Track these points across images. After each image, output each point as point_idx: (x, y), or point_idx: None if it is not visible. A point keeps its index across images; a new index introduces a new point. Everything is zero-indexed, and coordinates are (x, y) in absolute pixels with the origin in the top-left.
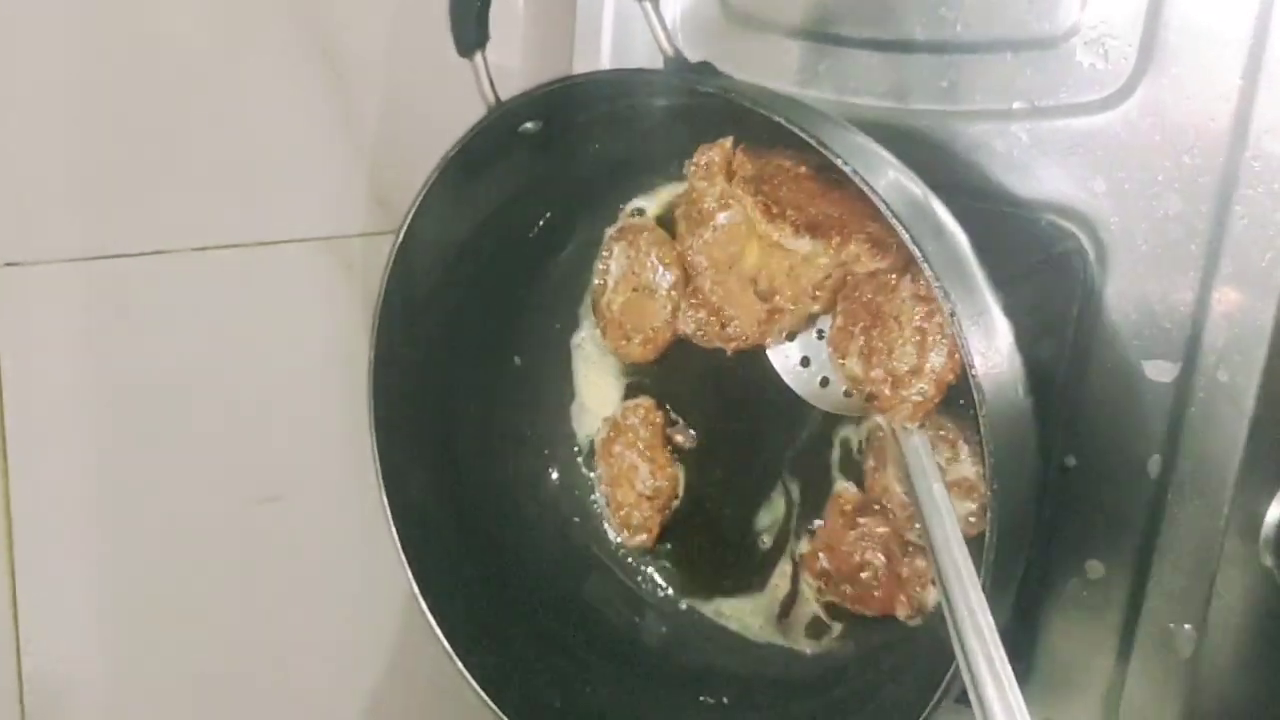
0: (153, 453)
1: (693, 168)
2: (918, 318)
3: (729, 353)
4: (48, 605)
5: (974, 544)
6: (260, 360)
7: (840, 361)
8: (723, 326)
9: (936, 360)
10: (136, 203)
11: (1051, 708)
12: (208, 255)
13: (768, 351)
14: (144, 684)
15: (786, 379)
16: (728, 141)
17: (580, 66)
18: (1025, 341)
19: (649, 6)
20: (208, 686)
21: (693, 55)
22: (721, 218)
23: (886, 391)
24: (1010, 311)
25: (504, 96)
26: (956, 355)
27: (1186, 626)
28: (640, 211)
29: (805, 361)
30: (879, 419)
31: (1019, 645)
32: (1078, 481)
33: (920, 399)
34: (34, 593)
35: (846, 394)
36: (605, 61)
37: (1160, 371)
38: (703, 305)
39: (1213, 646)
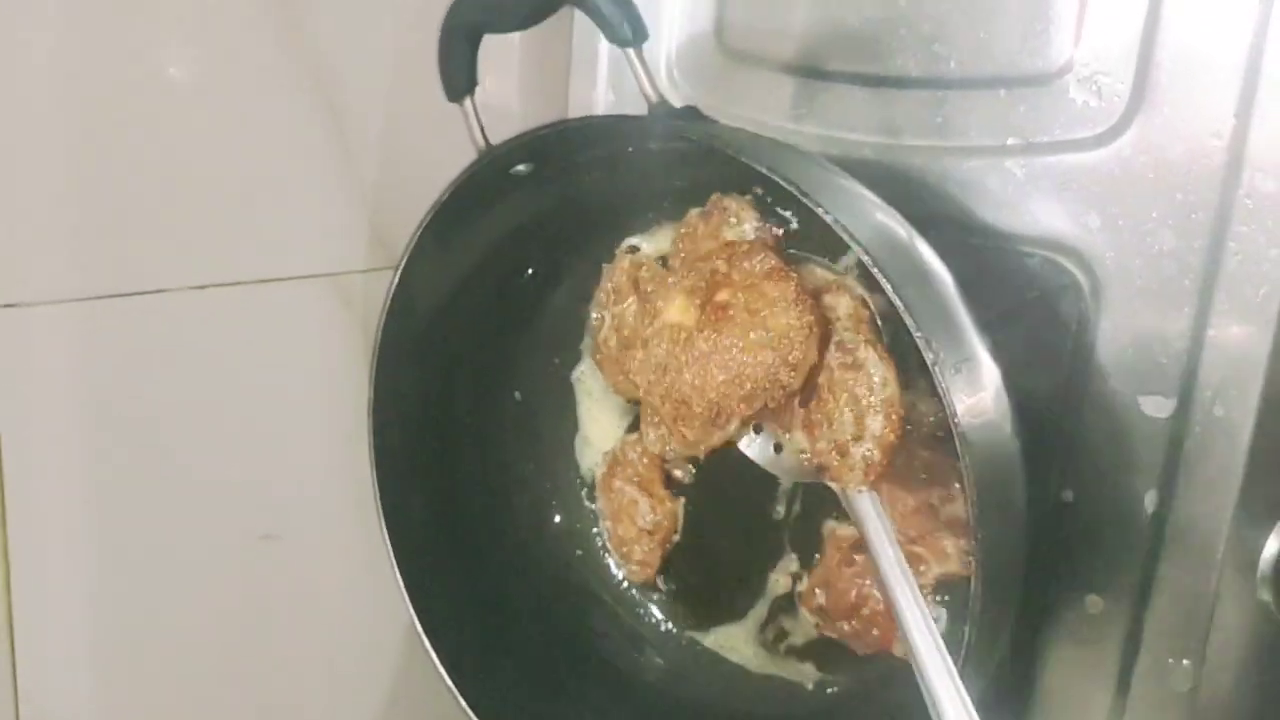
0: (153, 492)
1: (602, 295)
2: (849, 385)
3: (701, 459)
4: (46, 647)
5: (966, 585)
6: (262, 397)
7: (785, 436)
8: (684, 438)
9: (875, 425)
10: (136, 242)
11: None
12: (207, 293)
13: None
14: None
15: (744, 449)
16: (625, 261)
17: (576, 108)
18: (1019, 378)
19: (633, 54)
20: None
21: (689, 91)
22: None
23: (835, 462)
24: (1003, 349)
25: (503, 137)
26: (895, 416)
27: (1185, 661)
28: (635, 249)
29: (757, 429)
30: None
31: (1019, 680)
32: (1076, 516)
33: (865, 465)
34: (32, 636)
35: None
36: (600, 102)
37: (1156, 407)
38: (660, 422)
39: (1210, 681)
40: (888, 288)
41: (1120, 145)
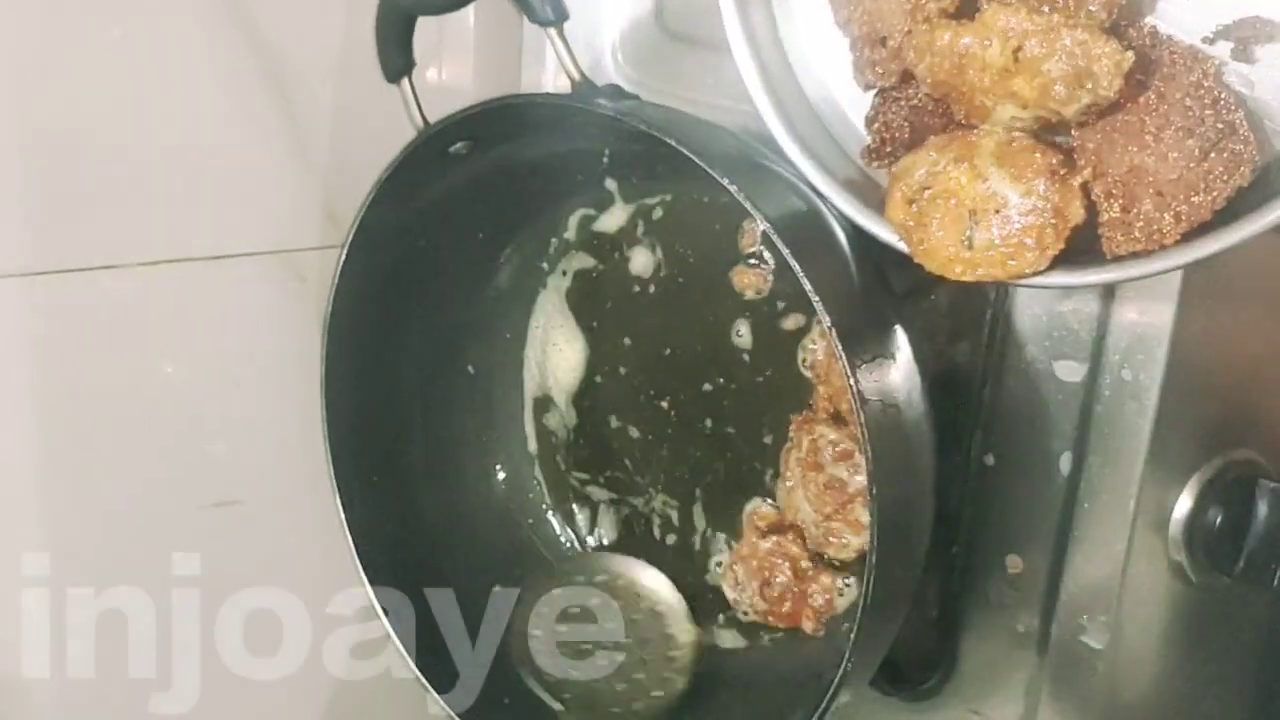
0: (105, 465)
1: None
2: None
3: None
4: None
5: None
6: (215, 370)
7: None
8: None
9: None
10: (87, 218)
11: (975, 700)
12: (158, 269)
13: None
14: (94, 691)
15: None
16: None
17: (527, 85)
18: (941, 346)
19: (554, 33)
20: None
21: (632, 74)
22: None
23: None
24: (925, 317)
25: None
26: None
27: (1101, 618)
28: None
29: None
30: None
31: (943, 639)
32: (997, 479)
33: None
34: None
35: None
36: (549, 82)
37: (1069, 371)
38: None
39: (1126, 638)
40: (791, 259)
41: None
